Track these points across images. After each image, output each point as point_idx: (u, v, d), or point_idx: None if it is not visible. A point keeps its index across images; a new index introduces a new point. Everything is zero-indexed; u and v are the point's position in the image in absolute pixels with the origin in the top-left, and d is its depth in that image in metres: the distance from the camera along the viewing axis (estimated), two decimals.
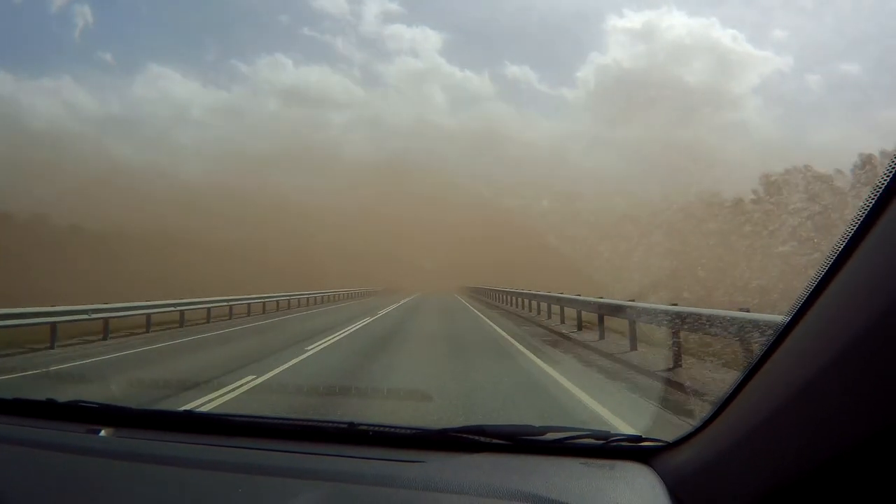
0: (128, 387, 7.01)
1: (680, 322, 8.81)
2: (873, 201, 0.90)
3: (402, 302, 31.26)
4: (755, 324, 6.73)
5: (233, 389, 6.94)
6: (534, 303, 22.73)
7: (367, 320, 19.05)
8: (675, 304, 9.63)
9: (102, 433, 2.00)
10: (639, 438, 1.80)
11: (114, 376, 8.39)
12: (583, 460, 1.72)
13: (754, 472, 1.16)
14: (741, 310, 7.57)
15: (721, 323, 7.50)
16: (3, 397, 2.29)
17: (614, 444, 1.79)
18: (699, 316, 8.31)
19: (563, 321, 17.25)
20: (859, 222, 0.93)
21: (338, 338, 13.49)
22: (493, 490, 1.52)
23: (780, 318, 1.16)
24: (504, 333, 14.72)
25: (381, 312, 23.27)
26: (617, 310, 12.13)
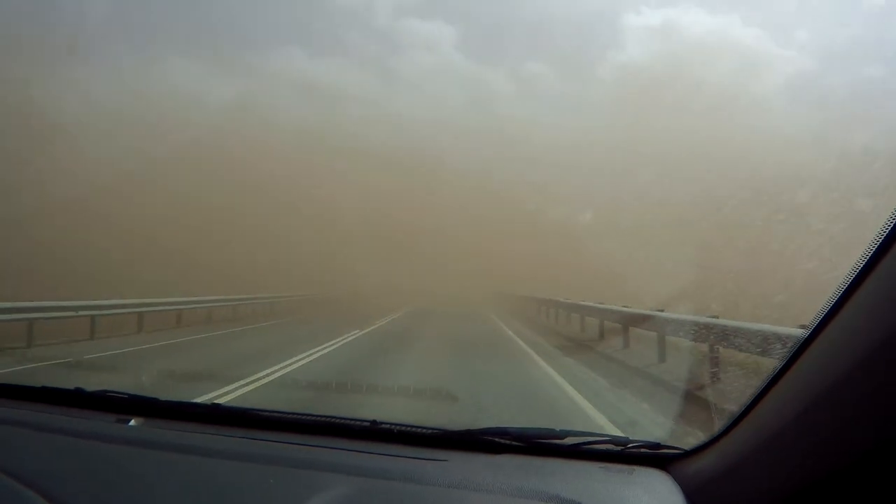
0: None
1: None
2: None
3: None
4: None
5: None
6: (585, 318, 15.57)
7: None
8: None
9: (133, 423, 2.04)
10: (657, 445, 1.82)
11: None
12: (602, 464, 1.75)
13: (770, 480, 1.19)
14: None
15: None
16: (31, 385, 2.34)
17: (633, 449, 1.82)
18: None
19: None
20: (880, 241, 0.96)
21: None
22: (515, 490, 1.55)
23: None
24: None
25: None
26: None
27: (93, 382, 2.35)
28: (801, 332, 1.18)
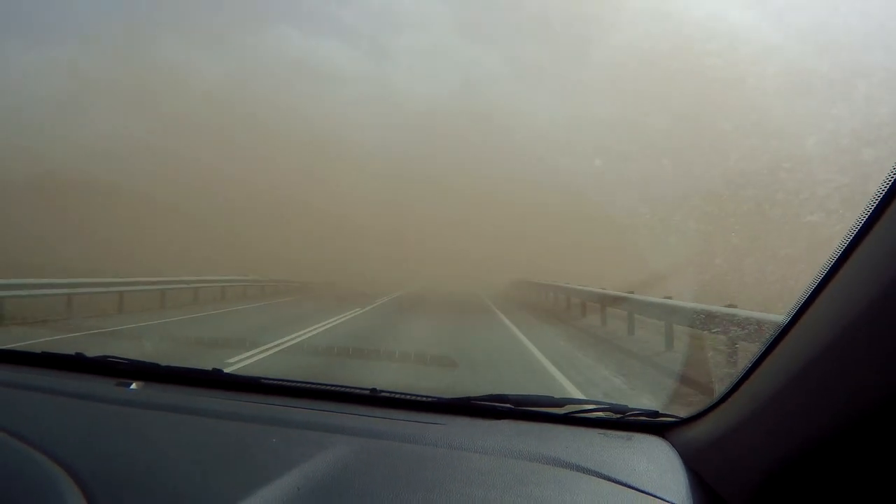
0: None
1: None
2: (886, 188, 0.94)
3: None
4: None
5: None
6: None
7: None
8: None
9: (133, 386, 2.05)
10: (656, 413, 1.84)
11: None
12: (601, 431, 1.78)
13: (767, 445, 1.21)
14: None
15: None
16: (32, 351, 2.36)
17: (632, 417, 1.84)
18: None
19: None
20: (872, 208, 0.97)
21: None
22: (514, 452, 1.58)
23: None
24: None
25: None
26: None
27: (116, 350, 2.41)
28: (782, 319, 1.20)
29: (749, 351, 6.66)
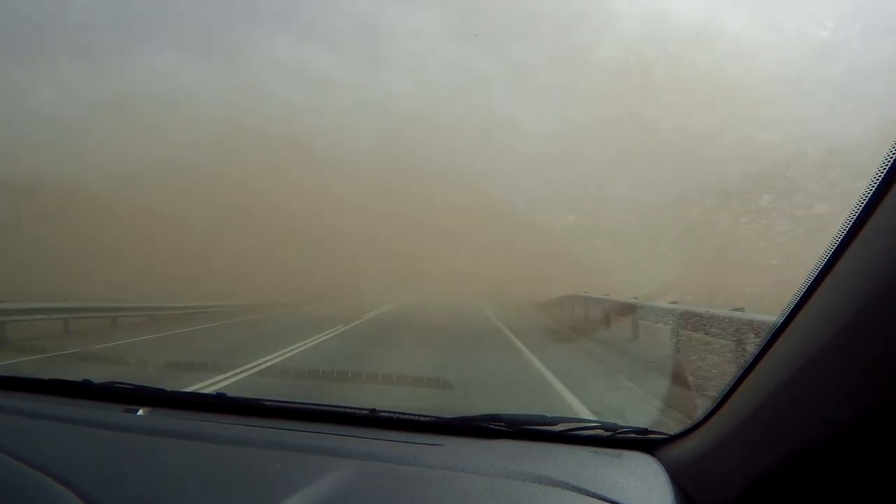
0: None
1: None
2: (867, 197, 0.97)
3: None
4: None
5: None
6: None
7: None
8: None
9: (140, 413, 2.09)
10: (645, 430, 1.91)
11: None
12: (592, 449, 1.83)
13: (750, 460, 1.26)
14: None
15: None
16: (39, 378, 2.40)
17: (621, 435, 1.91)
18: None
19: None
20: (849, 225, 1.01)
21: None
22: (507, 472, 1.63)
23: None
24: None
25: None
26: None
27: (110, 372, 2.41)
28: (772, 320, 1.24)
29: None
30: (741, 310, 7.87)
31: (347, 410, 2.12)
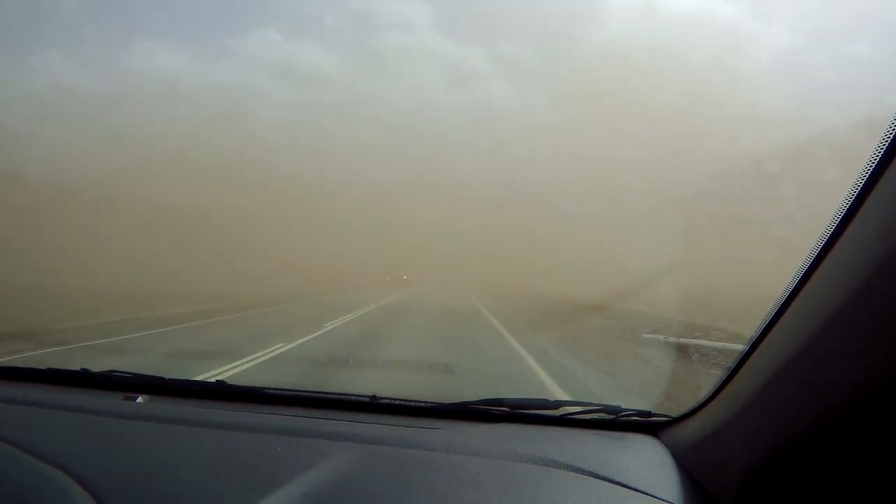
0: None
1: None
2: (860, 186, 0.98)
3: None
4: None
5: None
6: None
7: None
8: None
9: (139, 400, 2.09)
10: (648, 413, 1.90)
11: None
12: (595, 431, 1.83)
13: (753, 440, 1.26)
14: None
15: None
16: (37, 368, 2.38)
17: (624, 417, 1.90)
18: None
19: None
20: (851, 200, 1.01)
21: None
22: (510, 454, 1.62)
23: None
24: None
25: None
26: None
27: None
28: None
29: None
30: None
31: (348, 397, 2.11)
